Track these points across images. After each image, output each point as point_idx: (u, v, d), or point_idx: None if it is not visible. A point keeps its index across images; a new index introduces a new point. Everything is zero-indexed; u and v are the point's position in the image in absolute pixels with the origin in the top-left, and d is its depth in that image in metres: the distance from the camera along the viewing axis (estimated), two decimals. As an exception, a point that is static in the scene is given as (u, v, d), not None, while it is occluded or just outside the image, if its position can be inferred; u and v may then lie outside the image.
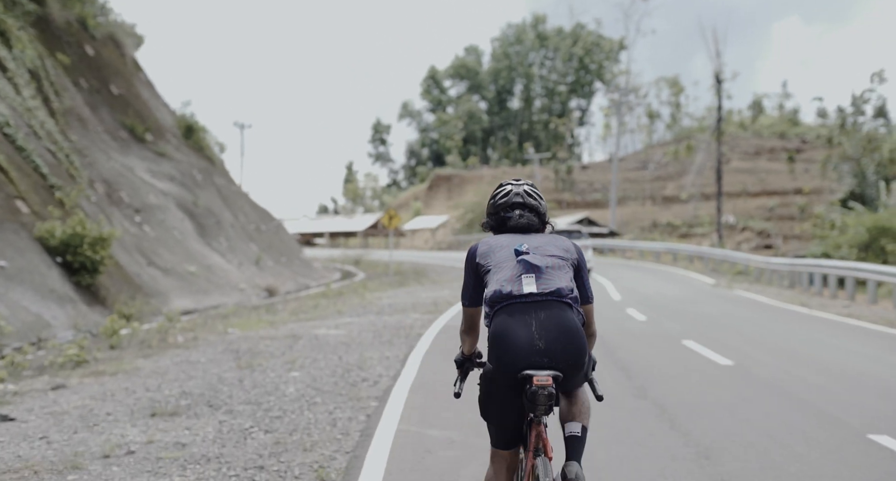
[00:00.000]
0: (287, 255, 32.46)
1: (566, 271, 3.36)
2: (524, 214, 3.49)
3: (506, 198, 3.53)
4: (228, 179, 33.49)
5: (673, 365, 9.26)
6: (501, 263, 3.35)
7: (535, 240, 3.42)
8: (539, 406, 3.12)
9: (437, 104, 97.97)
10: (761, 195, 67.92)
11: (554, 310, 3.23)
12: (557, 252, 3.39)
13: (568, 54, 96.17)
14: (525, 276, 3.27)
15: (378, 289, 26.11)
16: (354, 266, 40.50)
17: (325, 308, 18.30)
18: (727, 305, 17.96)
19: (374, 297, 21.56)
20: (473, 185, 74.05)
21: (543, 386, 3.09)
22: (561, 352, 3.18)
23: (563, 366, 3.18)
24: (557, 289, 3.27)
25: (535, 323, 3.20)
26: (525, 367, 3.15)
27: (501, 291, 3.26)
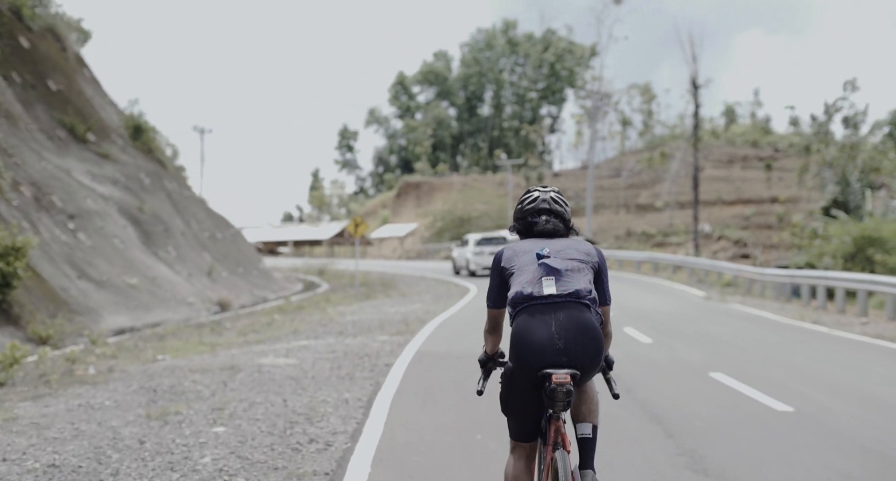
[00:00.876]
0: (244, 265, 30.09)
1: (585, 274, 3.49)
2: (550, 220, 3.65)
3: (533, 204, 3.68)
4: (181, 184, 31.07)
5: (716, 411, 7.18)
6: (524, 267, 3.51)
7: (556, 244, 3.56)
8: (558, 402, 3.28)
9: (406, 110, 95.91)
10: (737, 203, 66.68)
11: (573, 311, 3.38)
12: (578, 255, 3.53)
13: (539, 60, 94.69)
14: (545, 278, 3.43)
15: (342, 302, 23.89)
16: (318, 276, 38.20)
17: (280, 326, 16.07)
18: (733, 322, 16.00)
19: (337, 313, 19.35)
20: (443, 193, 72.08)
21: (562, 384, 3.24)
22: (579, 352, 3.33)
23: (580, 365, 3.33)
24: (576, 290, 3.41)
25: (555, 323, 3.35)
26: (545, 366, 3.30)
27: (523, 293, 3.44)
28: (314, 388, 8.17)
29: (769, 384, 8.44)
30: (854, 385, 8.69)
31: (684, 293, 25.35)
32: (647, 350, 11.34)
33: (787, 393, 7.96)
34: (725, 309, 20.10)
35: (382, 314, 18.31)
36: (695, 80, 56.30)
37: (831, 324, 16.17)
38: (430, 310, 19.45)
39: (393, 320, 16.32)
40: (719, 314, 18.34)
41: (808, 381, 8.78)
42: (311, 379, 8.70)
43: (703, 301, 22.67)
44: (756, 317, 17.48)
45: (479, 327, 13.56)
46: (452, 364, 9.63)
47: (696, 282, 30.02)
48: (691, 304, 21.24)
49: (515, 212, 3.74)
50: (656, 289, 26.77)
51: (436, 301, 22.87)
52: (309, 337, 13.32)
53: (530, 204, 3.67)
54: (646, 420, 6.73)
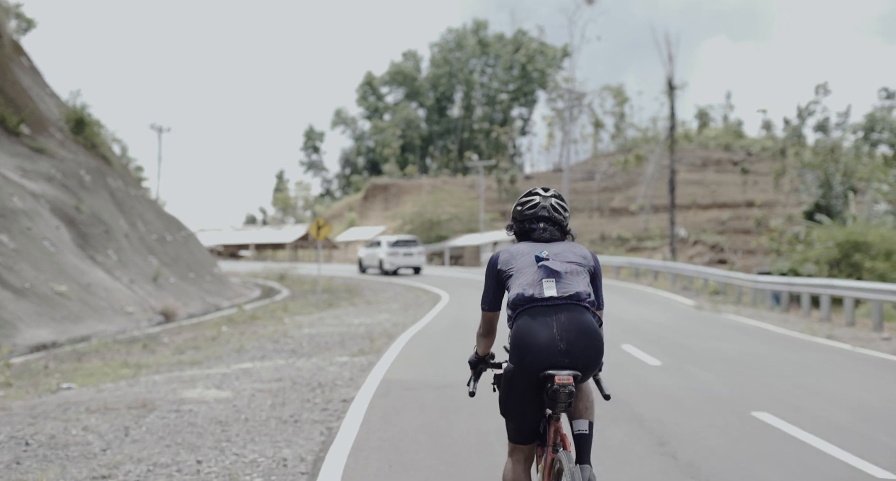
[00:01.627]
0: (197, 270, 27.81)
1: (584, 277, 3.50)
2: (548, 229, 3.61)
3: (533, 210, 3.63)
4: (129, 182, 28.71)
5: (791, 478, 5.24)
6: (523, 269, 3.49)
7: (554, 248, 3.55)
8: (560, 403, 3.28)
9: (374, 111, 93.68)
10: (712, 207, 65.43)
11: (574, 313, 3.37)
12: (575, 258, 3.54)
13: (509, 61, 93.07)
14: (546, 280, 3.41)
15: (301, 311, 21.77)
16: (279, 282, 35.96)
17: (225, 341, 13.96)
18: (741, 338, 14.17)
19: (294, 324, 17.26)
20: (412, 195, 70.03)
21: (564, 385, 3.25)
22: (581, 353, 3.33)
23: (582, 366, 3.33)
24: (576, 292, 3.41)
25: (556, 324, 3.33)
26: (547, 367, 3.30)
27: (524, 294, 3.41)
28: (244, 440, 6.11)
29: (840, 432, 6.52)
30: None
31: (672, 301, 23.58)
32: (659, 376, 9.40)
33: (874, 447, 6.05)
34: (722, 320, 18.31)
35: (344, 326, 16.25)
36: (671, 81, 54.91)
37: (848, 339, 14.41)
38: (399, 321, 17.43)
39: (356, 334, 14.27)
40: (719, 327, 16.52)
41: (882, 425, 6.88)
42: (243, 424, 6.63)
43: (694, 311, 20.90)
44: (762, 331, 15.68)
45: (456, 343, 11.49)
46: (427, 399, 7.62)
47: (681, 289, 28.30)
48: (684, 315, 19.43)
49: (514, 212, 3.74)
50: (641, 297, 24.97)
51: (405, 310, 20.86)
52: (255, 357, 11.23)
53: (531, 209, 3.66)
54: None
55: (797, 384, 8.95)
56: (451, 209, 61.50)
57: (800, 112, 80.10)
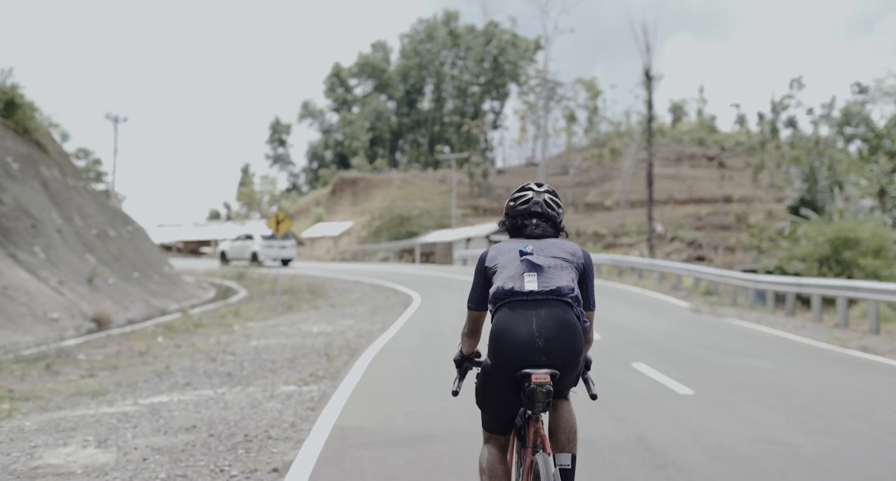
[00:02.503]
0: (143, 269, 25.24)
1: (568, 272, 3.41)
2: (540, 225, 3.57)
3: (526, 205, 3.59)
4: (68, 172, 26.03)
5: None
6: (507, 264, 3.44)
7: (541, 243, 3.49)
8: (538, 403, 3.19)
9: (342, 103, 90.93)
10: (689, 203, 63.78)
11: (554, 309, 3.29)
12: (562, 254, 3.46)
13: (481, 54, 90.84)
14: (527, 274, 3.34)
15: (255, 315, 19.38)
16: (237, 281, 33.40)
17: (154, 357, 11.56)
18: (767, 351, 12.04)
19: (242, 333, 14.88)
20: (381, 190, 67.60)
21: (542, 384, 3.15)
22: (559, 351, 3.23)
23: (560, 365, 3.24)
24: (558, 287, 3.32)
25: (536, 320, 3.25)
26: (524, 365, 3.22)
27: (504, 288, 3.35)
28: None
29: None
30: None
31: (665, 304, 21.48)
32: (703, 416, 7.17)
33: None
34: (729, 326, 16.23)
35: (300, 337, 13.90)
36: (648, 71, 53.02)
37: (887, 351, 12.36)
38: (364, 329, 15.13)
39: (312, 349, 11.93)
40: (730, 335, 14.42)
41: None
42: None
43: (693, 314, 18.83)
44: (782, 341, 13.58)
45: (431, 362, 9.07)
46: (397, 465, 5.31)
47: (670, 289, 26.26)
48: (684, 320, 17.33)
49: (507, 208, 3.66)
50: (629, 298, 22.85)
51: (372, 314, 18.55)
52: (178, 383, 8.85)
53: (523, 204, 3.61)
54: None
55: (879, 423, 6.77)
56: (421, 204, 59.14)
57: (774, 106, 78.80)
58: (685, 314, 18.86)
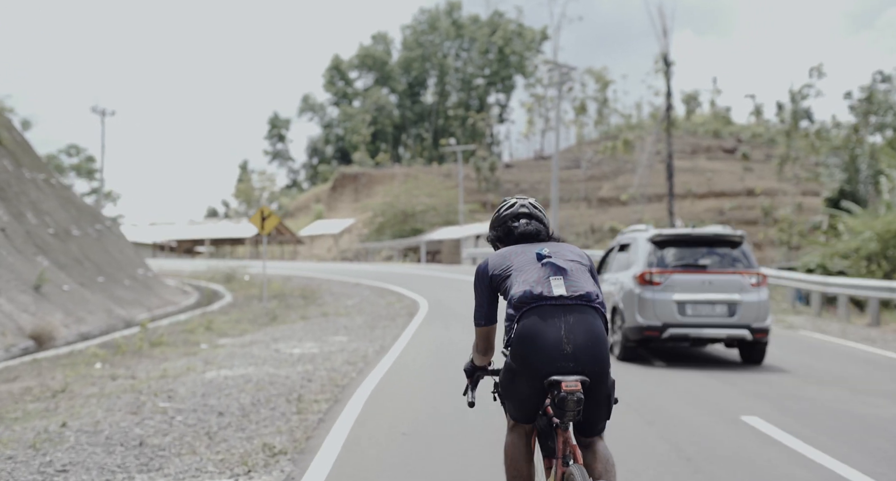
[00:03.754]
0: (111, 273, 22.10)
1: (589, 276, 3.34)
2: (531, 222, 3.53)
3: (512, 209, 3.59)
4: (23, 162, 22.88)
5: None
6: (524, 266, 3.31)
7: (552, 246, 3.43)
8: (568, 412, 3.07)
9: (343, 97, 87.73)
10: (708, 196, 60.52)
11: (584, 315, 3.19)
12: (575, 257, 3.40)
13: (485, 45, 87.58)
14: (553, 278, 3.24)
15: (231, 329, 16.23)
16: (225, 284, 30.30)
17: (63, 402, 8.40)
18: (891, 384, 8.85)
19: (202, 358, 11.71)
20: (384, 185, 64.41)
21: (572, 392, 3.04)
22: (588, 357, 3.13)
23: (589, 371, 3.13)
24: (587, 292, 3.24)
25: (565, 326, 3.15)
26: (552, 372, 3.11)
27: (532, 292, 3.21)
28: None
29: None
30: None
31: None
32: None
33: None
34: (815, 342, 13.06)
35: (275, 362, 10.74)
36: (665, 56, 49.71)
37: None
38: (359, 350, 11.99)
39: (283, 385, 8.75)
40: (829, 355, 11.22)
41: None
42: None
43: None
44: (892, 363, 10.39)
45: (452, 415, 6.30)
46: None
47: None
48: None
49: (493, 220, 3.66)
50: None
51: (370, 328, 15.39)
52: (47, 471, 5.64)
53: (509, 209, 3.61)
54: None
55: None
56: (426, 199, 55.92)
57: (793, 96, 75.25)
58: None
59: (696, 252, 10.40)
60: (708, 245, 10.41)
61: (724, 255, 10.33)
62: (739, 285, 10.03)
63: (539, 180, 69.40)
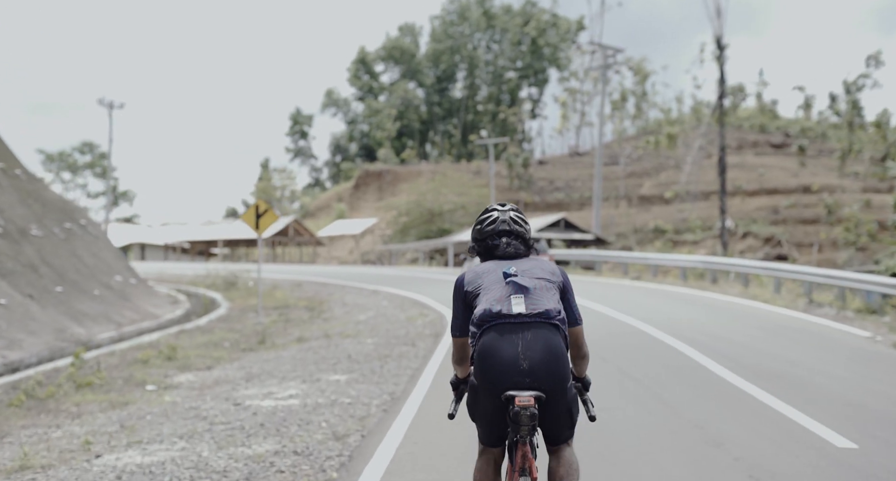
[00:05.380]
0: (77, 281, 18.41)
1: (553, 293, 3.43)
2: (511, 243, 3.58)
3: (492, 225, 3.60)
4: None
5: None
6: (490, 286, 3.41)
7: (522, 264, 3.50)
8: (522, 426, 3.18)
9: (368, 91, 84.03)
10: (760, 194, 55.91)
11: (541, 331, 3.28)
12: (544, 275, 3.47)
13: (518, 36, 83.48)
14: (514, 297, 3.33)
15: (197, 359, 12.44)
16: (225, 291, 26.56)
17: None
18: None
19: (126, 417, 7.94)
20: (409, 183, 60.51)
21: (526, 407, 3.14)
22: (544, 373, 3.21)
23: (546, 387, 3.22)
24: (546, 310, 3.32)
25: (522, 343, 3.23)
26: (508, 387, 3.21)
27: (491, 310, 3.32)
28: None
29: None
30: None
31: (827, 331, 14.06)
32: None
33: None
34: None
35: (222, 433, 6.91)
36: (719, 39, 45.46)
37: None
38: (359, 403, 8.24)
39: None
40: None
41: None
42: None
43: (886, 349, 11.54)
44: None
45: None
46: None
47: (809, 304, 18.79)
48: (884, 363, 10.07)
49: (474, 232, 3.68)
50: (769, 322, 15.46)
51: (382, 358, 11.51)
52: None
53: (490, 225, 3.62)
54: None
55: None
56: (454, 198, 51.89)
57: (847, 87, 70.37)
58: (864, 348, 11.54)
59: None
60: None
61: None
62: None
63: (574, 177, 65.22)
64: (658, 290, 22.60)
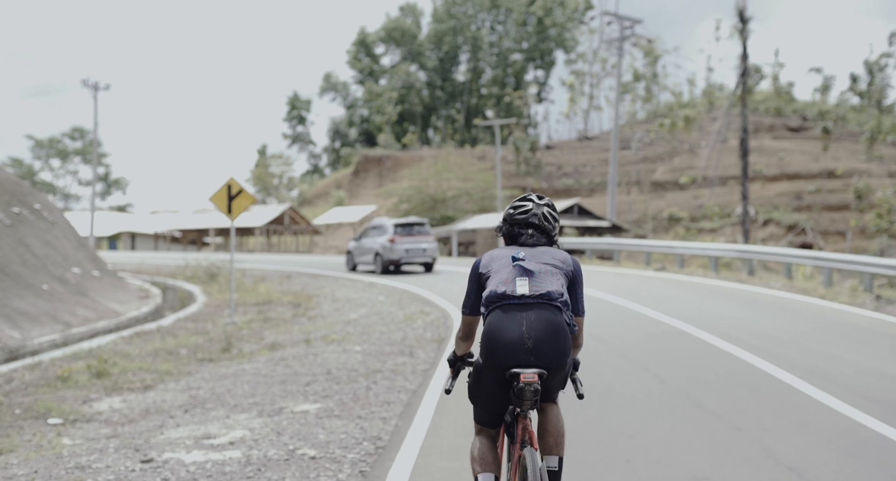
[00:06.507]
0: (18, 275, 15.75)
1: (558, 277, 3.57)
2: (535, 235, 3.75)
3: (524, 216, 3.75)
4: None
5: None
6: (500, 269, 3.61)
7: (533, 251, 3.67)
8: (526, 401, 3.37)
9: (368, 74, 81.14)
10: (780, 179, 53.11)
11: (544, 312, 3.45)
12: (552, 261, 3.63)
13: (523, 16, 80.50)
14: (519, 279, 3.51)
15: (135, 375, 9.88)
16: (206, 284, 23.93)
17: None
18: None
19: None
20: (410, 169, 57.70)
21: (530, 383, 3.33)
22: (547, 351, 3.40)
23: (547, 364, 3.41)
24: (548, 291, 3.48)
25: (526, 322, 3.42)
26: (513, 364, 3.39)
27: (496, 291, 3.51)
28: None
29: None
30: None
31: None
32: None
33: None
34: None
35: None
36: (742, 12, 42.48)
37: None
38: (328, 458, 5.49)
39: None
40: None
41: None
42: None
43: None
44: None
45: None
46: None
47: (878, 301, 16.09)
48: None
49: (506, 214, 3.82)
50: (848, 324, 12.78)
51: (370, 375, 9.04)
52: None
53: (521, 214, 3.76)
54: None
55: None
56: (458, 183, 49.15)
57: (870, 67, 67.41)
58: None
59: (412, 228, 24.26)
60: (417, 224, 24.43)
61: (421, 227, 24.50)
62: (428, 239, 24.32)
63: (584, 162, 62.46)
64: (690, 283, 19.93)
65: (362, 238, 25.77)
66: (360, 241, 25.86)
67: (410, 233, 24.14)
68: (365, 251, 25.38)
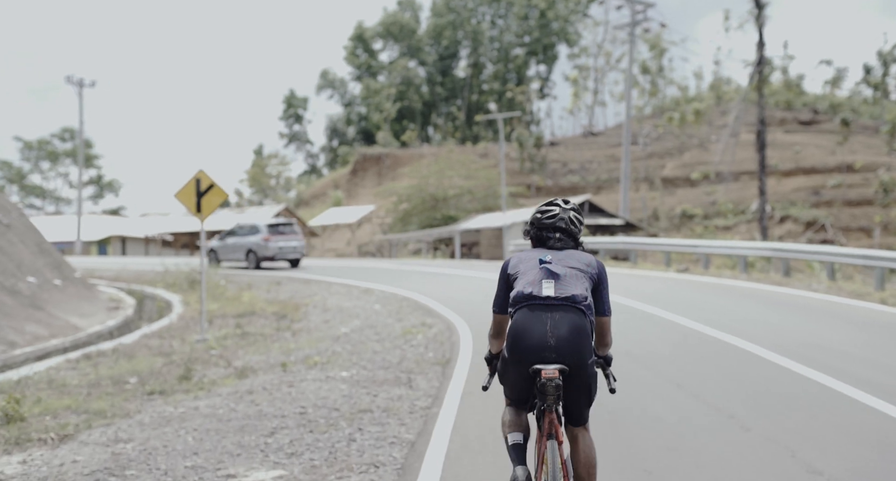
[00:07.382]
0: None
1: (583, 281, 3.70)
2: (562, 239, 3.89)
3: (551, 220, 3.89)
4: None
5: None
6: (527, 271, 3.76)
7: (559, 254, 3.81)
8: (548, 396, 3.51)
9: (366, 70, 79.04)
10: (796, 173, 51.01)
11: (568, 313, 3.59)
12: (578, 264, 3.76)
13: (525, 9, 78.42)
14: (545, 281, 3.66)
15: (54, 420, 7.88)
16: (185, 293, 21.85)
17: None
18: None
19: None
20: (410, 167, 55.60)
21: (551, 379, 3.48)
22: (568, 349, 3.54)
23: (569, 361, 3.54)
24: (572, 295, 3.62)
25: (550, 322, 3.56)
26: (536, 361, 3.55)
27: (524, 292, 3.67)
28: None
29: None
30: None
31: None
32: None
33: None
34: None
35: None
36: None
37: None
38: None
39: None
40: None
41: None
42: None
43: None
44: None
45: None
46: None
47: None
48: None
49: (533, 218, 3.95)
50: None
51: (355, 418, 7.06)
52: None
53: (549, 219, 3.89)
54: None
55: None
56: (460, 181, 47.02)
57: (883, 58, 65.29)
58: None
59: (283, 227, 27.45)
60: (286, 224, 27.70)
61: (291, 227, 27.69)
62: (298, 237, 27.42)
63: (589, 159, 60.38)
64: (721, 286, 17.85)
65: (227, 238, 28.83)
66: (224, 241, 28.84)
67: (282, 232, 27.37)
68: (233, 249, 28.28)
